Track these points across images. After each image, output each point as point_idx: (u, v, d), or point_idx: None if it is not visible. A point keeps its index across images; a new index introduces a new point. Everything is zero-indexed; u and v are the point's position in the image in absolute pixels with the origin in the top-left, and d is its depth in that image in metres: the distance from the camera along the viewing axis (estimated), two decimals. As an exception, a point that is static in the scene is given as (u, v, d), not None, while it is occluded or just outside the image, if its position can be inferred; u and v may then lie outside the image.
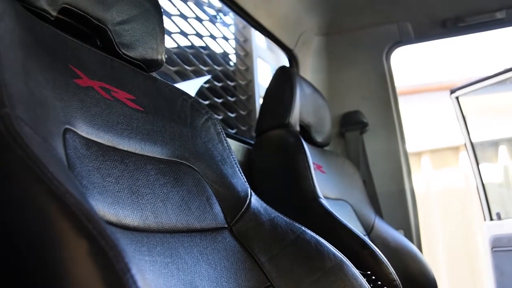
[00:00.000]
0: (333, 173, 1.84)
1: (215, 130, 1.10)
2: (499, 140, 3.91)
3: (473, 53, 4.81)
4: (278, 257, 0.96)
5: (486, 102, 4.00)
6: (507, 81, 3.20)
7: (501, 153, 3.88)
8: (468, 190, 4.12)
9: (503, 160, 3.84)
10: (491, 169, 3.73)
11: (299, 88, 1.72)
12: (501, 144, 3.89)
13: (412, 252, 1.73)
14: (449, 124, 4.26)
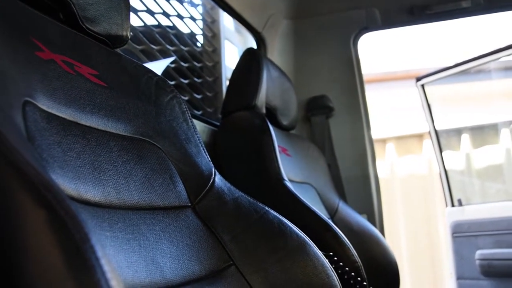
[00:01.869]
0: (298, 157, 1.84)
1: (180, 109, 1.09)
2: (462, 128, 3.98)
3: (439, 43, 4.88)
4: (241, 236, 0.96)
5: (450, 92, 4.07)
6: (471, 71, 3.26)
7: (464, 141, 3.95)
8: (431, 177, 4.20)
9: (465, 148, 3.91)
10: (453, 157, 3.80)
11: (266, 71, 1.72)
12: (464, 132, 3.96)
13: (374, 236, 1.75)
14: (413, 112, 4.32)
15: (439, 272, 4.14)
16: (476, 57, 2.44)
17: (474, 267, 2.26)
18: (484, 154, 3.89)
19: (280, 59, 2.19)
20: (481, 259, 2.23)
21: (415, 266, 4.14)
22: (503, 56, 2.37)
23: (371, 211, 2.14)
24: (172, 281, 0.78)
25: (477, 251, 2.25)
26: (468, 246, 2.30)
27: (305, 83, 2.27)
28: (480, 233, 2.27)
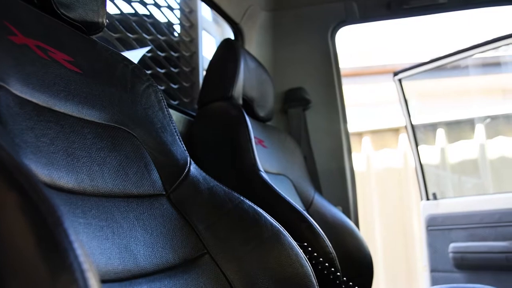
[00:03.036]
0: (274, 148, 1.84)
1: (156, 97, 1.08)
2: (438, 123, 4.03)
3: (417, 39, 4.92)
4: (216, 225, 0.95)
5: (427, 87, 4.11)
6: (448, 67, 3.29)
7: (439, 136, 4.00)
8: (406, 170, 4.24)
9: (440, 143, 3.96)
10: (429, 151, 3.84)
11: (243, 62, 1.71)
12: (439, 127, 4.00)
13: (349, 228, 1.76)
14: (390, 106, 4.36)
15: (413, 265, 4.19)
16: (452, 52, 2.46)
17: (447, 260, 2.29)
18: (459, 149, 3.94)
19: (257, 50, 2.19)
20: (455, 252, 2.26)
21: (389, 259, 4.19)
22: (478, 52, 2.40)
23: (346, 203, 2.15)
24: (145, 269, 0.78)
25: (451, 244, 2.28)
26: (442, 239, 2.33)
27: (283, 75, 2.26)
28: (454, 226, 2.30)
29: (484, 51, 2.40)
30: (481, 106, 4.30)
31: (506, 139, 3.95)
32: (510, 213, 2.14)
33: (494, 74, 4.34)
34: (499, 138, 3.96)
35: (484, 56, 4.10)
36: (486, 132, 3.96)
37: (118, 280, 0.71)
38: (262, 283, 0.91)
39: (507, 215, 2.15)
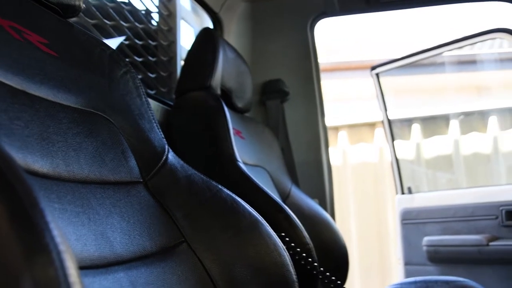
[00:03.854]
0: (252, 140, 1.83)
1: (133, 84, 1.06)
2: (413, 118, 4.06)
3: (393, 36, 4.95)
4: (194, 214, 0.94)
5: (404, 83, 4.14)
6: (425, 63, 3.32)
7: (414, 131, 4.03)
8: (382, 165, 4.26)
9: (415, 138, 3.99)
10: (404, 146, 3.88)
11: (222, 52, 1.70)
12: (415, 122, 4.04)
13: (325, 220, 1.76)
14: (366, 101, 4.38)
15: (387, 258, 4.23)
16: (429, 48, 2.48)
17: (421, 253, 2.31)
18: (434, 144, 3.98)
19: (236, 41, 2.17)
20: (428, 245, 2.28)
21: (363, 252, 4.22)
22: (453, 48, 2.41)
23: (322, 196, 2.16)
24: (122, 256, 0.76)
25: (425, 238, 2.30)
26: (416, 233, 2.35)
27: (261, 67, 2.25)
28: (428, 220, 2.32)
29: (460, 47, 2.42)
30: (456, 102, 4.36)
31: (479, 135, 4.00)
32: (483, 207, 2.17)
33: (469, 72, 4.39)
34: (473, 134, 4.01)
35: (459, 54, 4.16)
36: (461, 128, 4.01)
37: (94, 267, 0.69)
38: (240, 272, 0.90)
39: (480, 209, 2.17)
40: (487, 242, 2.07)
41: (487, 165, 3.95)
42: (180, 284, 0.83)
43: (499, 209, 2.11)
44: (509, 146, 3.92)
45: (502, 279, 2.06)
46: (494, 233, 2.11)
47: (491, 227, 2.12)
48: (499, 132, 3.96)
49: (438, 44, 2.44)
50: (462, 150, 3.97)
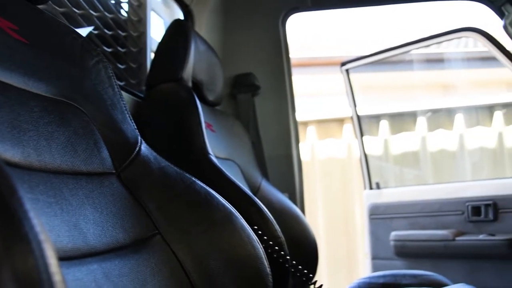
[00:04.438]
0: (223, 133, 1.82)
1: (106, 73, 1.04)
2: (381, 115, 4.10)
3: (363, 33, 4.98)
4: (167, 206, 0.93)
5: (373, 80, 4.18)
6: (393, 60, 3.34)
7: (382, 127, 4.07)
8: (350, 160, 4.29)
9: (383, 134, 4.04)
10: (372, 142, 3.91)
11: (194, 44, 1.68)
12: (383, 118, 4.08)
13: (295, 214, 1.77)
14: (335, 97, 4.41)
15: (354, 252, 4.27)
16: (398, 45, 2.50)
17: (388, 247, 2.34)
18: (402, 141, 4.03)
19: (207, 34, 2.15)
20: (396, 240, 2.30)
21: (331, 246, 4.25)
22: (421, 46, 2.44)
23: (292, 190, 2.16)
24: (95, 248, 0.75)
25: (392, 233, 2.33)
26: (384, 228, 2.38)
27: (232, 60, 2.24)
28: (396, 215, 2.35)
29: (428, 45, 2.44)
30: (423, 100, 4.42)
31: (446, 132, 4.07)
32: (449, 203, 2.20)
33: (436, 70, 4.46)
34: (440, 131, 4.08)
35: (427, 52, 4.21)
36: (428, 125, 4.07)
37: (67, 258, 0.67)
38: (213, 264, 0.89)
39: (447, 204, 2.21)
40: (453, 237, 2.11)
41: (453, 161, 4.02)
42: (154, 276, 0.82)
43: (465, 205, 2.14)
44: (474, 143, 4.00)
45: (467, 273, 2.10)
46: (460, 228, 2.15)
47: (457, 222, 2.16)
48: (465, 130, 4.03)
49: (407, 42, 2.47)
50: (429, 146, 4.03)
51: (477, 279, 2.03)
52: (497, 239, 2.01)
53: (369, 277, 1.67)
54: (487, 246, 2.03)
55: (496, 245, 2.01)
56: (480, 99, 4.22)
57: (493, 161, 3.96)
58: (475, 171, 3.95)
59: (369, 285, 1.59)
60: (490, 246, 2.02)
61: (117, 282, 0.73)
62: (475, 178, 3.95)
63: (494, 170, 3.97)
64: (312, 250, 1.73)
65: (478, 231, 2.10)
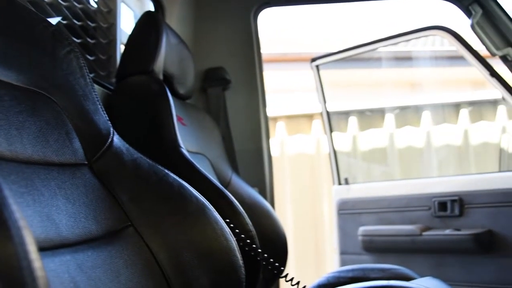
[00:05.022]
0: (193, 127, 1.81)
1: (77, 63, 1.02)
2: (350, 111, 4.14)
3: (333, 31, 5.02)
4: (140, 198, 0.92)
5: (343, 77, 4.21)
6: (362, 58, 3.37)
7: (351, 124, 4.11)
8: (319, 156, 4.32)
9: (352, 130, 4.07)
10: (341, 138, 3.95)
11: (165, 36, 1.67)
12: (352, 115, 4.11)
13: (265, 209, 1.77)
14: (304, 93, 4.43)
15: (322, 247, 4.30)
16: (367, 42, 2.52)
17: (356, 242, 2.36)
18: (370, 137, 4.08)
19: (178, 26, 2.13)
20: (364, 235, 2.33)
21: (299, 241, 4.27)
22: (390, 44, 2.47)
23: (262, 185, 2.17)
24: (68, 239, 0.74)
25: (360, 228, 2.35)
26: (352, 223, 2.40)
27: (203, 54, 2.23)
28: (364, 210, 2.37)
29: (397, 43, 2.47)
30: (392, 97, 4.48)
31: (413, 129, 4.13)
32: (416, 199, 2.23)
33: (404, 68, 4.52)
34: (407, 128, 4.14)
35: (395, 50, 4.27)
36: (395, 122, 4.12)
37: (40, 249, 0.66)
38: (186, 256, 0.89)
39: (414, 200, 2.24)
40: (420, 232, 2.14)
41: (420, 158, 4.08)
42: (127, 268, 0.81)
43: (431, 201, 2.18)
44: (441, 140, 4.07)
45: (433, 267, 2.14)
46: (427, 224, 2.18)
47: (424, 217, 2.19)
48: (432, 127, 4.10)
49: (376, 39, 2.49)
50: (396, 143, 4.09)
51: (443, 273, 2.07)
52: (462, 234, 2.05)
53: (338, 271, 1.68)
54: (453, 241, 2.07)
55: (461, 240, 2.04)
56: (446, 97, 4.30)
57: (459, 157, 4.04)
58: (441, 167, 4.02)
59: (338, 279, 1.61)
60: (455, 241, 2.06)
61: (90, 274, 0.72)
62: (441, 174, 4.02)
63: (460, 167, 4.05)
64: (282, 244, 1.74)
65: (445, 226, 2.13)
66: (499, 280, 1.97)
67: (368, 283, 1.28)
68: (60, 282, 0.64)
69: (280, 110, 4.37)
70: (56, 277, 0.64)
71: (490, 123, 4.09)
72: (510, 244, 1.99)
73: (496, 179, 2.09)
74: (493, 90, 2.81)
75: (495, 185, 2.06)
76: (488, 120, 4.10)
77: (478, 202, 2.07)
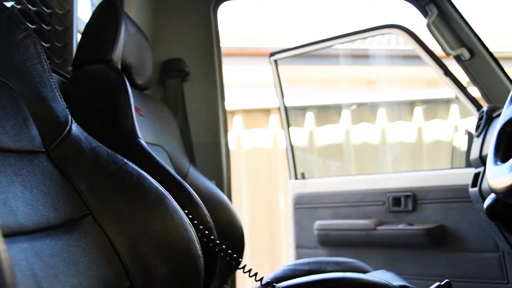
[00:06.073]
0: (151, 118, 1.80)
1: (35, 49, 1.00)
2: (307, 106, 4.17)
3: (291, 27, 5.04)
4: (99, 187, 0.91)
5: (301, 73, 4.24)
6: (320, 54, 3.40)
7: (308, 119, 4.14)
8: (275, 151, 4.34)
9: (309, 126, 4.11)
10: (298, 133, 3.97)
11: (124, 25, 1.64)
12: (309, 110, 4.15)
13: (223, 201, 1.77)
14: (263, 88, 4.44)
15: (278, 241, 4.33)
16: (327, 38, 2.54)
17: (312, 236, 2.39)
18: (327, 133, 4.12)
19: (137, 16, 2.10)
20: (319, 229, 2.35)
21: (255, 234, 4.28)
22: (350, 40, 2.50)
23: (220, 178, 2.17)
24: (25, 227, 0.72)
25: (316, 222, 2.37)
26: (308, 217, 2.42)
27: (162, 44, 2.21)
28: (320, 205, 2.40)
29: (353, 40, 2.50)
30: (348, 93, 4.54)
31: (369, 126, 4.20)
32: (371, 194, 2.27)
33: (360, 66, 4.58)
34: (363, 124, 4.20)
35: (353, 48, 4.33)
36: (352, 118, 4.18)
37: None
38: (145, 246, 0.88)
39: (369, 195, 2.28)
40: (375, 227, 2.18)
41: (375, 154, 4.15)
42: (86, 256, 0.80)
43: (386, 196, 2.22)
44: (395, 137, 4.15)
45: (387, 261, 2.18)
46: (381, 218, 2.22)
47: (379, 212, 2.23)
48: (387, 124, 4.18)
49: (334, 36, 2.52)
50: (352, 139, 4.14)
51: (397, 266, 2.11)
52: (415, 228, 2.10)
53: (294, 264, 1.70)
54: (406, 235, 2.11)
55: (414, 235, 2.09)
56: (401, 95, 4.38)
57: (413, 154, 4.12)
58: (396, 163, 4.10)
59: (294, 272, 1.62)
60: (409, 235, 2.10)
61: (48, 262, 0.71)
62: (396, 170, 4.10)
63: (414, 163, 4.14)
64: (239, 237, 1.75)
65: (398, 221, 2.18)
66: (449, 274, 2.03)
67: (324, 275, 1.30)
68: (18, 270, 0.62)
69: (237, 104, 4.38)
70: (13, 265, 0.62)
71: (443, 121, 4.19)
72: (460, 239, 2.05)
73: (448, 175, 2.15)
74: (446, 89, 2.88)
75: (447, 182, 2.12)
76: (442, 118, 4.21)
77: (431, 197, 2.12)
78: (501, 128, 0.83)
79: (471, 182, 1.79)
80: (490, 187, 0.71)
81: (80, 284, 0.74)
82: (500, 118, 0.85)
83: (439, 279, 1.08)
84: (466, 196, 1.88)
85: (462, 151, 2.27)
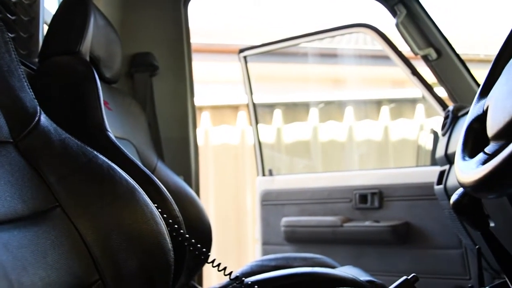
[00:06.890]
0: (119, 112, 1.78)
1: (2, 37, 0.98)
2: (275, 104, 4.19)
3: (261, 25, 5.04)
4: (68, 179, 0.89)
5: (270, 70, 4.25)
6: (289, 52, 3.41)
7: (276, 116, 4.16)
8: (243, 147, 4.35)
9: (277, 123, 4.12)
10: (265, 130, 3.99)
11: (93, 17, 1.62)
12: (277, 108, 4.16)
13: (190, 197, 1.77)
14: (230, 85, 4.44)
15: (244, 237, 4.34)
16: (295, 36, 2.55)
17: (279, 233, 2.40)
18: (294, 130, 4.14)
19: (106, 9, 2.07)
20: (286, 226, 2.37)
21: (221, 230, 4.29)
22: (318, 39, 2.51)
23: (188, 173, 2.16)
24: None
25: (283, 218, 2.39)
26: (275, 214, 2.43)
27: (131, 38, 2.18)
28: (287, 201, 2.41)
29: (321, 38, 2.52)
30: (316, 92, 4.57)
31: (336, 124, 4.23)
32: (338, 191, 2.29)
33: (329, 64, 4.62)
34: (330, 122, 4.23)
35: (321, 47, 4.36)
36: (319, 116, 4.21)
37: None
38: (115, 239, 0.87)
39: (336, 192, 2.30)
40: (341, 223, 2.20)
41: (342, 151, 4.19)
42: (54, 248, 0.78)
43: (352, 193, 2.24)
44: (362, 135, 4.20)
45: (353, 257, 2.20)
46: (348, 215, 2.25)
47: (345, 209, 2.26)
48: (354, 122, 4.22)
49: (303, 34, 2.53)
50: (320, 136, 4.17)
51: (363, 262, 2.14)
52: (381, 225, 2.12)
53: (261, 260, 1.71)
54: (372, 232, 2.14)
55: (380, 231, 2.12)
56: (368, 94, 4.43)
57: (379, 152, 4.18)
58: (362, 161, 4.15)
59: (261, 268, 1.63)
60: (375, 232, 2.13)
61: (16, 254, 0.69)
62: (362, 168, 4.15)
63: (380, 161, 4.19)
64: (207, 233, 1.74)
65: (365, 217, 2.21)
66: (414, 270, 2.04)
67: (292, 269, 1.31)
68: (-15, 261, 0.61)
69: (205, 100, 4.37)
70: (-20, 256, 0.61)
71: (409, 120, 4.26)
72: (424, 236, 2.08)
73: (413, 173, 2.19)
74: (413, 88, 2.92)
75: (412, 179, 2.15)
76: (408, 117, 4.27)
77: (397, 195, 2.15)
78: (468, 125, 0.85)
79: (436, 179, 1.82)
80: (458, 182, 0.73)
81: (49, 276, 0.73)
82: (468, 116, 0.87)
83: (404, 275, 1.10)
84: (431, 193, 1.92)
85: (428, 149, 2.31)
